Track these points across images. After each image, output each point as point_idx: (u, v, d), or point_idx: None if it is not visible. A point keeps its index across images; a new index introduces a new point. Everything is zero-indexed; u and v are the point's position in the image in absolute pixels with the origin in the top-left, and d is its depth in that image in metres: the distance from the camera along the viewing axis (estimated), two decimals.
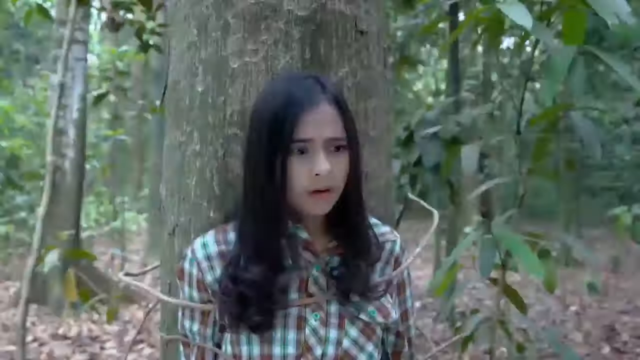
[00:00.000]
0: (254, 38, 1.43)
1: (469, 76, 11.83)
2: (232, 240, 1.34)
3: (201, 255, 1.32)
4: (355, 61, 1.51)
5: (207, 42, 1.47)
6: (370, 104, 1.55)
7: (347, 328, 1.34)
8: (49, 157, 3.79)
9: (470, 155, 2.20)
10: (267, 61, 1.43)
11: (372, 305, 1.37)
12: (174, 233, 1.54)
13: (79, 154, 8.08)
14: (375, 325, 1.37)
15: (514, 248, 1.95)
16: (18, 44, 16.46)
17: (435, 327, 6.91)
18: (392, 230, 1.48)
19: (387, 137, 1.64)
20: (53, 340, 6.24)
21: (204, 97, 1.47)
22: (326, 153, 1.22)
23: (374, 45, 1.56)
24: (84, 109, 8.12)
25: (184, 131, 1.51)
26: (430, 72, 18.28)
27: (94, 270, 8.03)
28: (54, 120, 3.85)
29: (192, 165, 1.50)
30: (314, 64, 1.45)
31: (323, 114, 1.22)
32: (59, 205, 7.92)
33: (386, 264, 1.44)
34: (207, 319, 1.36)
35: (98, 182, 15.81)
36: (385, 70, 1.63)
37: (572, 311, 7.78)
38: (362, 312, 1.35)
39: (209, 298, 1.34)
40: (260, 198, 1.25)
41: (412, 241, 15.75)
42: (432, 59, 15.69)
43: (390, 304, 1.42)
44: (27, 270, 3.73)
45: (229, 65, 1.44)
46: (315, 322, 1.32)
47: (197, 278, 1.33)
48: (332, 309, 1.34)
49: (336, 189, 1.27)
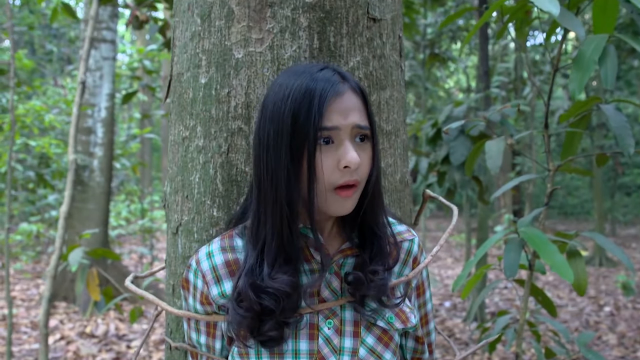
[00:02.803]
0: (259, 26, 1.35)
1: (500, 72, 11.64)
2: (239, 246, 1.25)
3: (206, 267, 1.23)
4: (368, 50, 1.42)
5: (210, 31, 1.40)
6: (383, 96, 1.46)
7: (363, 336, 1.24)
8: (71, 156, 3.77)
9: (494, 151, 2.09)
10: (272, 51, 1.35)
11: (389, 310, 1.27)
12: (178, 232, 1.47)
13: (107, 153, 8.11)
14: (393, 331, 1.28)
15: (540, 248, 1.85)
16: (51, 44, 16.69)
17: (465, 327, 6.80)
18: (408, 228, 1.38)
19: (402, 131, 1.54)
20: (80, 338, 6.25)
21: (208, 90, 1.40)
22: (352, 144, 1.15)
23: (387, 34, 1.47)
24: (112, 108, 8.14)
25: (187, 126, 1.44)
26: (461, 69, 18.06)
27: (122, 269, 8.06)
28: (76, 118, 3.82)
29: (195, 161, 1.42)
30: (323, 53, 1.36)
31: (348, 101, 1.15)
32: (88, 204, 7.96)
33: (404, 265, 1.34)
34: (214, 331, 1.28)
35: (129, 181, 15.95)
36: (400, 60, 1.54)
37: (606, 312, 7.59)
38: (379, 318, 1.25)
39: (212, 310, 1.25)
40: (286, 197, 1.14)
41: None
42: (463, 56, 15.49)
43: (409, 308, 1.32)
44: (49, 269, 3.71)
45: (233, 55, 1.37)
46: (329, 330, 1.22)
47: (201, 291, 1.24)
48: (346, 315, 1.24)
49: (361, 184, 1.18)
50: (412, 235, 1.37)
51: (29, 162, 9.20)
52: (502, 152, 2.09)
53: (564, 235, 2.22)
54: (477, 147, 2.31)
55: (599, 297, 8.41)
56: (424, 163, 5.26)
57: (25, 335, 6.32)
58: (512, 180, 2.18)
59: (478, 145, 2.30)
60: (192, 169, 1.43)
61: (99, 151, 8.04)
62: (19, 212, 10.74)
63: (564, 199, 21.00)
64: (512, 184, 2.18)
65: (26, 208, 10.66)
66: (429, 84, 13.73)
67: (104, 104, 8.04)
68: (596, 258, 11.43)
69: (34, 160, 9.37)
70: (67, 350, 5.84)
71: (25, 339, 6.19)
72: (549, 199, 2.15)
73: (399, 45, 1.53)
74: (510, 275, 1.91)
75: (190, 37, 1.44)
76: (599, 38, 1.89)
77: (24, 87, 9.39)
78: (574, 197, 21.11)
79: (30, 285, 8.99)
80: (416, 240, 1.37)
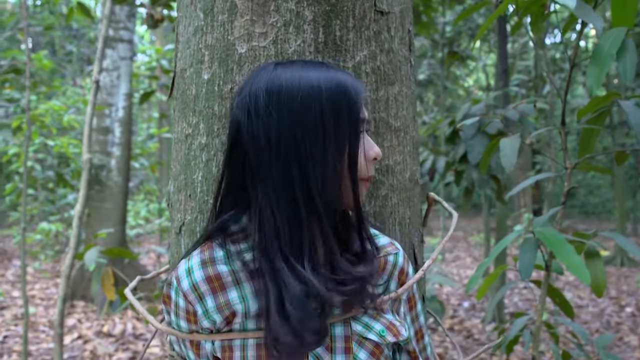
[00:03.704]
0: (262, 20, 1.31)
1: (519, 70, 11.52)
2: (220, 257, 1.18)
3: (186, 286, 1.16)
4: (375, 44, 1.37)
5: (213, 26, 1.36)
6: (392, 91, 1.41)
7: (355, 351, 1.18)
8: (85, 155, 3.77)
9: (509, 149, 2.03)
10: (276, 45, 1.31)
11: (379, 324, 1.22)
12: (181, 232, 1.44)
13: (125, 153, 8.13)
14: (384, 345, 1.22)
15: (556, 249, 1.79)
16: (72, 45, 16.83)
17: (484, 328, 6.73)
18: (391, 241, 1.31)
19: (412, 128, 1.49)
20: (97, 337, 6.26)
21: (210, 86, 1.36)
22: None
23: (396, 27, 1.43)
24: (129, 107, 8.16)
25: (190, 123, 1.41)
26: (480, 68, 17.92)
27: (139, 268, 8.08)
28: (90, 118, 3.81)
29: (198, 159, 1.38)
30: (329, 47, 1.32)
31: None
32: (105, 203, 7.99)
33: (390, 278, 1.27)
34: (199, 350, 1.22)
35: (149, 181, 16.02)
36: (410, 55, 1.49)
37: (627, 313, 7.48)
38: (370, 331, 1.20)
39: (197, 330, 1.20)
40: (324, 196, 1.09)
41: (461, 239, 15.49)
42: (483, 54, 15.37)
43: (399, 322, 1.26)
44: (64, 268, 3.71)
45: (236, 50, 1.33)
46: (319, 348, 1.16)
47: (185, 309, 1.18)
48: (336, 331, 1.18)
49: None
50: (396, 249, 1.30)
51: (48, 162, 9.25)
52: (517, 149, 2.03)
53: (582, 235, 2.16)
54: (492, 144, 2.25)
55: (620, 297, 8.29)
56: (441, 162, 5.19)
57: (44, 334, 6.35)
58: (527, 179, 2.12)
59: (493, 143, 2.24)
60: (195, 167, 1.39)
61: (116, 151, 8.06)
62: (39, 211, 10.81)
63: (585, 198, 20.77)
64: (528, 182, 2.12)
65: (46, 207, 10.72)
66: (449, 82, 13.64)
67: (122, 103, 8.06)
68: (617, 258, 11.28)
69: (54, 160, 9.42)
70: (84, 349, 5.85)
71: (43, 338, 6.21)
72: (566, 198, 2.09)
73: (408, 40, 1.48)
74: (525, 276, 1.86)
75: (193, 32, 1.41)
76: (618, 31, 1.83)
77: (43, 88, 9.45)
78: (595, 196, 20.87)
79: (49, 284, 9.04)
80: (401, 252, 1.30)
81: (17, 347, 5.84)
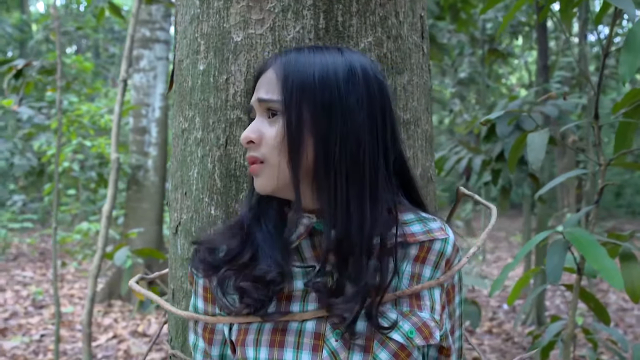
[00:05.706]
0: (259, 6, 1.22)
1: (562, 67, 11.23)
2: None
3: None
4: (381, 30, 1.27)
5: (209, 13, 1.28)
6: (400, 80, 1.30)
7: (375, 351, 1.06)
8: (113, 155, 3.75)
9: (536, 143, 1.91)
10: (274, 32, 1.22)
11: (409, 323, 1.09)
12: (177, 232, 1.36)
13: (162, 152, 8.15)
14: (412, 348, 1.08)
15: (587, 251, 1.66)
16: (114, 47, 17.09)
17: (524, 331, 6.55)
18: (442, 226, 1.18)
19: (424, 120, 1.39)
20: (132, 337, 6.27)
21: (206, 77, 1.28)
22: None
23: (405, 12, 1.32)
24: (166, 107, 8.18)
25: (186, 117, 1.33)
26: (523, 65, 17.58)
27: None
28: (117, 117, 3.79)
29: (193, 155, 1.30)
30: (330, 34, 1.22)
31: None
32: (142, 203, 8.02)
33: (435, 268, 1.14)
34: (212, 335, 1.16)
35: None
36: (422, 42, 1.39)
37: None
38: (396, 330, 1.07)
39: (213, 312, 1.14)
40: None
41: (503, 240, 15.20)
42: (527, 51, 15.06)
43: (435, 321, 1.12)
44: (92, 268, 3.70)
45: (231, 38, 1.24)
46: (337, 342, 1.06)
47: (203, 286, 1.13)
48: (358, 325, 1.06)
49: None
50: (445, 235, 1.16)
51: (89, 162, 9.35)
52: (545, 145, 1.90)
53: (618, 236, 2.03)
54: (520, 140, 2.12)
55: None
56: (477, 160, 5.05)
57: (80, 334, 6.38)
58: (558, 177, 2.00)
59: (521, 139, 2.11)
60: (190, 164, 1.31)
61: (153, 151, 8.09)
62: (80, 211, 10.94)
63: (632, 197, 20.18)
64: (559, 180, 2.00)
65: (88, 207, 10.85)
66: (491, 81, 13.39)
67: (158, 103, 8.08)
68: None
69: (94, 160, 9.52)
70: (118, 349, 5.86)
71: (79, 337, 6.24)
72: (600, 196, 1.96)
73: (420, 26, 1.38)
74: (554, 280, 1.73)
75: (189, 20, 1.33)
76: None
77: (85, 90, 9.56)
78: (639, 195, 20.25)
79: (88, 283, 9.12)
80: (450, 239, 1.17)
81: (52, 347, 5.88)
